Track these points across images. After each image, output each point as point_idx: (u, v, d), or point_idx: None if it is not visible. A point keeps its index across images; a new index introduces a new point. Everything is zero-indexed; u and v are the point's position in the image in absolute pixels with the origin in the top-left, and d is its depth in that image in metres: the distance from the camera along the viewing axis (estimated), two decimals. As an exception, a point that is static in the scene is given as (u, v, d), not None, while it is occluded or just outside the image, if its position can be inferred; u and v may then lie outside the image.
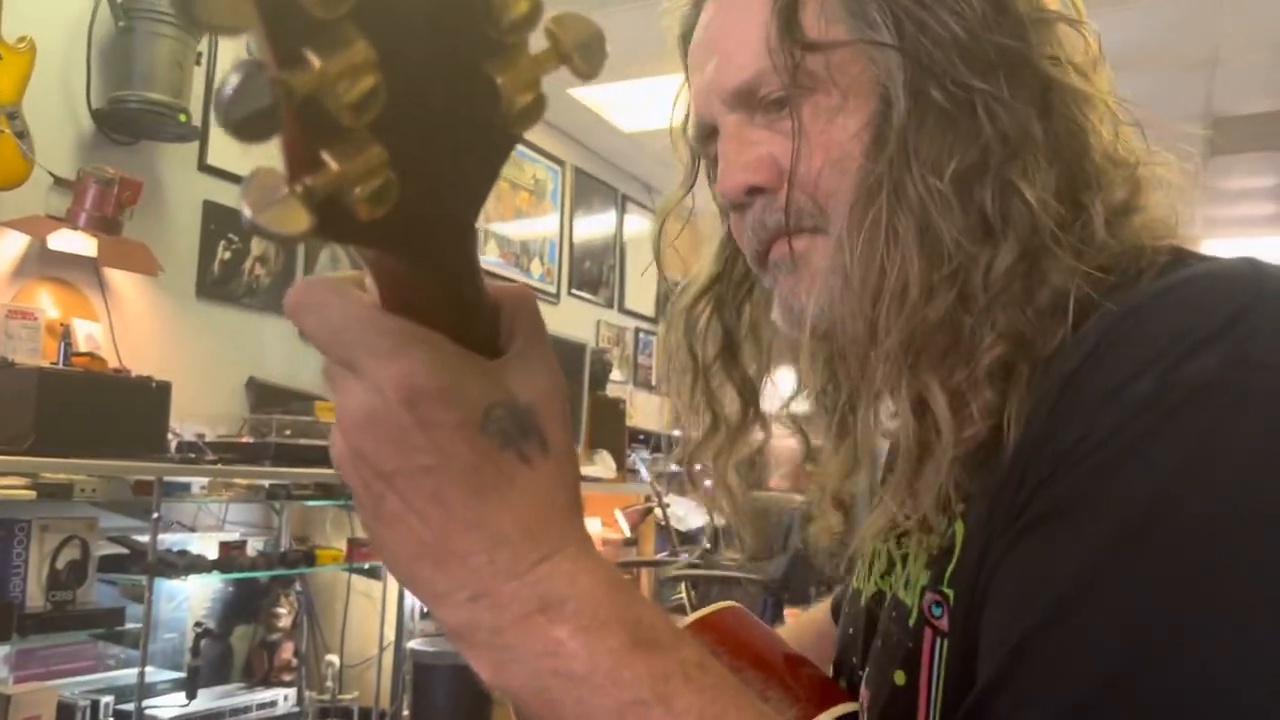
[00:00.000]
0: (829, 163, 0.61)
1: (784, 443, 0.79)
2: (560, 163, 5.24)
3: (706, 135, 0.69)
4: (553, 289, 5.19)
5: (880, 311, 0.58)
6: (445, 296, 0.42)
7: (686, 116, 0.74)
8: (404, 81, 0.33)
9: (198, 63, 3.09)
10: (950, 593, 0.57)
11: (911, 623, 0.61)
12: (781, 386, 0.77)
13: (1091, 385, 0.50)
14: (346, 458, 0.44)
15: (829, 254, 0.62)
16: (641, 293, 5.97)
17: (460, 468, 0.42)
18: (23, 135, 2.60)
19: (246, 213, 0.31)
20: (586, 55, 0.37)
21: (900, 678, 0.62)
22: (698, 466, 0.77)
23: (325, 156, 0.32)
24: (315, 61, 0.30)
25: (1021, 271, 0.56)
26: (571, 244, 5.36)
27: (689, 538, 4.35)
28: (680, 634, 0.45)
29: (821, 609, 1.04)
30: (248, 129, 0.29)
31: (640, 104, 4.52)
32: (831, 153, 0.61)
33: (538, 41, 0.37)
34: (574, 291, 5.37)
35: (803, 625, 1.07)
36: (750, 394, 0.76)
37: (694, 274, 0.78)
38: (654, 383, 6.02)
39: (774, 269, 0.66)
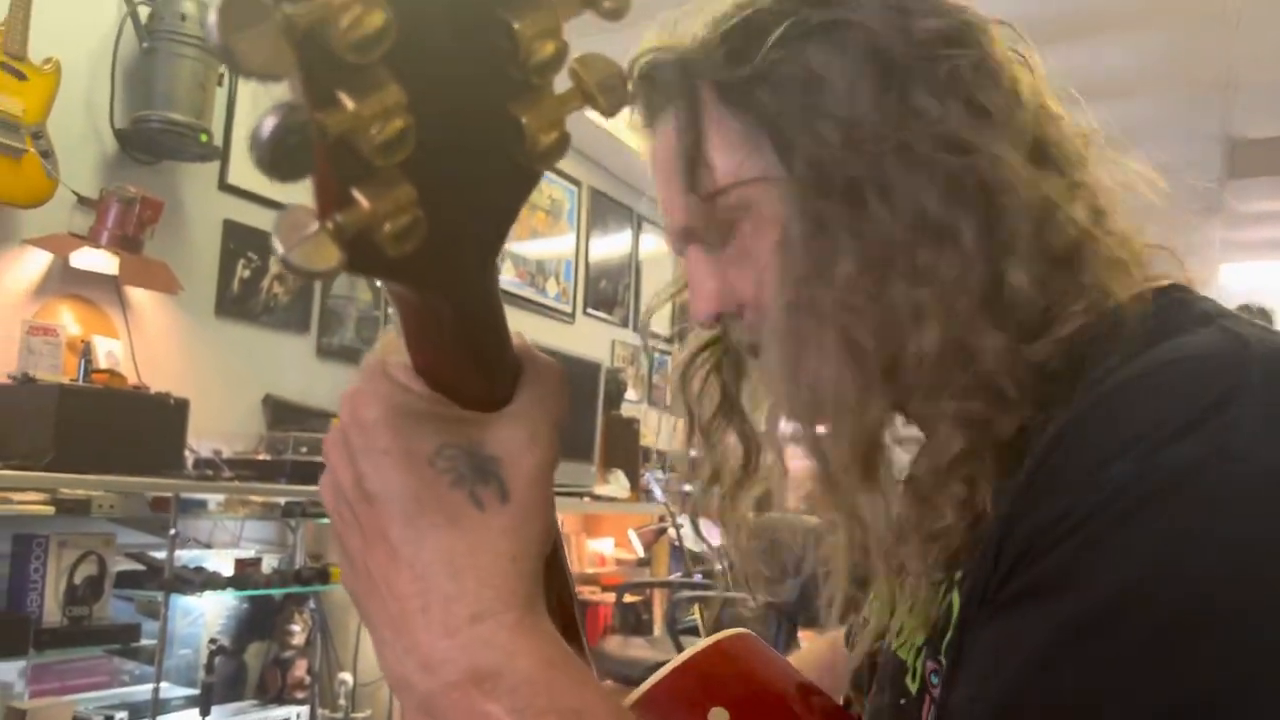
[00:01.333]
0: (761, 285, 0.63)
1: (802, 463, 0.79)
2: (577, 183, 5.26)
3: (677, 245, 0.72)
4: (568, 308, 5.21)
5: (824, 426, 0.59)
6: (461, 330, 0.43)
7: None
8: (433, 122, 0.33)
9: (219, 83, 3.13)
10: (945, 662, 0.57)
11: (913, 686, 0.62)
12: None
13: (1069, 466, 0.49)
14: (329, 487, 0.46)
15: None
16: (657, 313, 5.98)
17: (398, 493, 0.43)
18: (47, 154, 2.63)
19: (279, 249, 0.32)
20: (609, 94, 0.38)
21: None
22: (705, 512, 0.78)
23: (356, 194, 0.33)
24: (349, 103, 0.31)
25: (953, 356, 0.56)
26: (587, 263, 5.38)
27: (702, 558, 4.34)
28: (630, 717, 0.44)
29: (833, 637, 1.04)
30: (282, 167, 0.30)
31: (656, 125, 4.54)
32: (759, 276, 0.63)
33: (561, 80, 0.38)
34: (589, 311, 5.39)
35: (816, 652, 1.07)
36: (750, 441, 0.76)
37: (692, 333, 0.79)
38: (669, 402, 6.01)
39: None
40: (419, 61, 0.33)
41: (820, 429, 0.59)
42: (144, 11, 3.01)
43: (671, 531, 4.06)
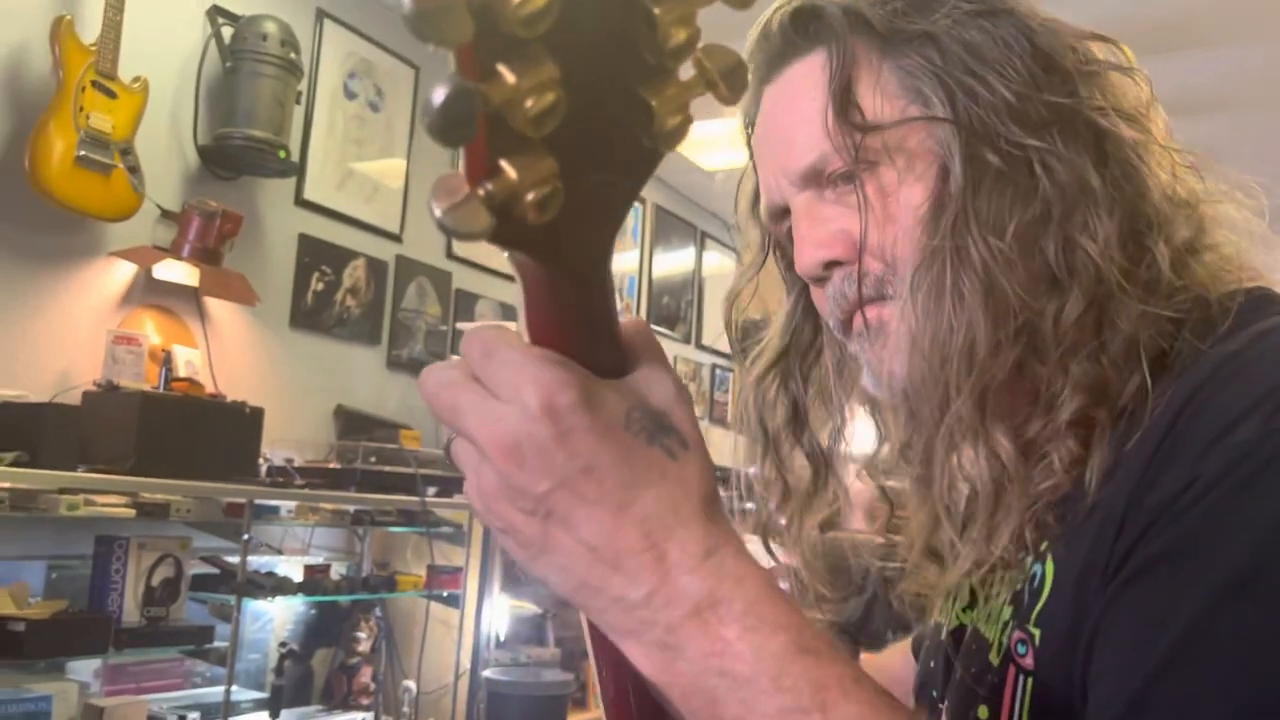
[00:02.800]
0: (899, 232, 0.64)
1: (864, 483, 0.80)
2: (641, 200, 5.31)
3: (779, 215, 0.73)
4: (630, 325, 5.24)
5: (949, 371, 0.60)
6: (585, 306, 0.45)
7: (754, 201, 0.77)
8: (578, 99, 0.36)
9: (297, 101, 3.22)
10: (1037, 632, 0.58)
11: (995, 659, 0.62)
12: (861, 437, 0.79)
13: (1192, 432, 0.51)
14: (501, 494, 0.45)
15: (899, 319, 0.65)
16: (718, 330, 5.99)
17: (611, 463, 0.44)
18: (134, 170, 2.73)
19: (436, 212, 0.35)
20: (730, 82, 0.40)
21: (983, 712, 0.63)
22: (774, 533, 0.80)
23: (504, 164, 0.36)
24: (509, 76, 0.34)
25: (1091, 321, 0.58)
26: (650, 280, 5.42)
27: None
28: (837, 648, 0.47)
29: (896, 650, 1.04)
30: (450, 134, 0.33)
31: (721, 142, 4.57)
32: (900, 222, 0.64)
33: (685, 69, 0.40)
34: (652, 327, 5.40)
35: (885, 662, 1.07)
36: (819, 459, 0.78)
37: (762, 347, 0.82)
38: (729, 420, 6.01)
39: (859, 337, 0.69)
40: (570, 40, 0.35)
41: (940, 377, 0.61)
42: (227, 32, 3.12)
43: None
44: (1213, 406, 0.51)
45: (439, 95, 0.32)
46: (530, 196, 0.36)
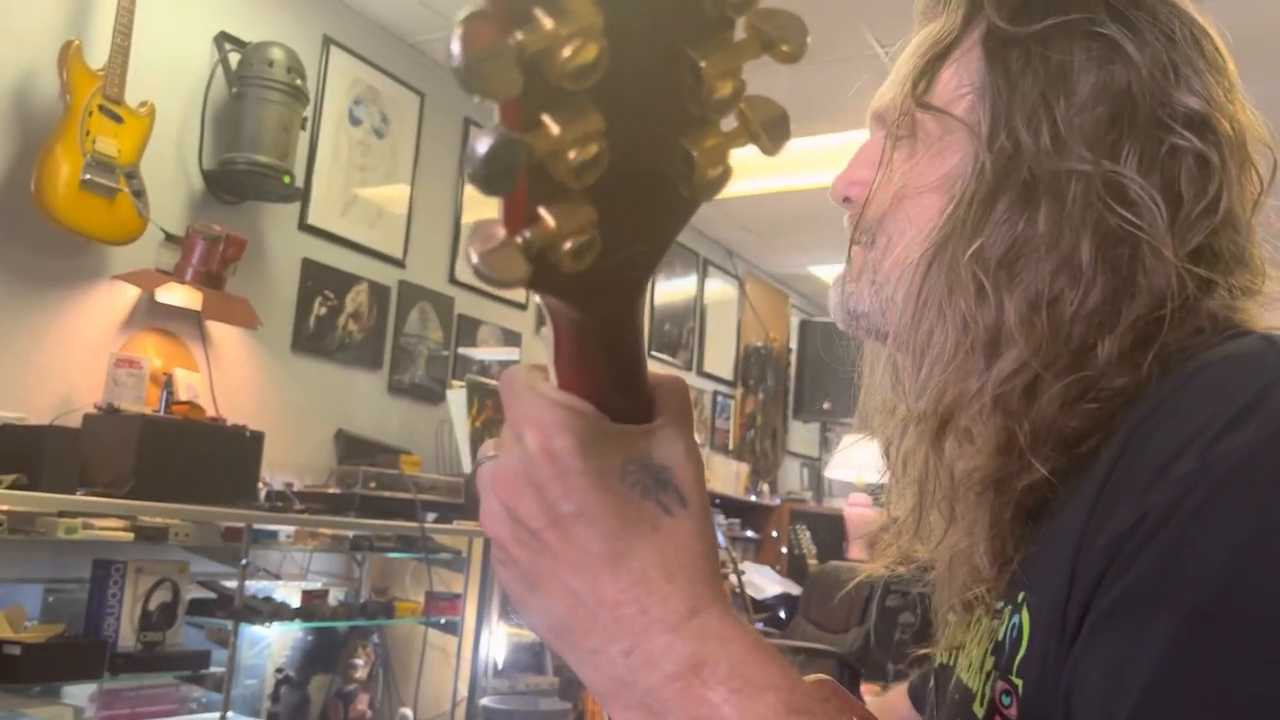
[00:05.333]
0: (898, 198, 0.67)
1: (860, 512, 0.80)
2: (641, 228, 5.31)
3: None
4: (630, 352, 5.24)
5: (920, 373, 0.63)
6: (613, 350, 0.45)
7: None
8: (619, 150, 0.36)
9: (303, 127, 3.24)
10: (1020, 682, 0.57)
11: (980, 710, 0.62)
12: (866, 466, 0.79)
13: (1134, 470, 0.51)
14: (503, 520, 0.46)
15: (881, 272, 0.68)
16: (720, 356, 6.00)
17: (601, 510, 0.44)
18: (139, 194, 2.73)
19: (473, 258, 0.35)
20: (773, 134, 0.40)
21: None
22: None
23: (543, 212, 0.36)
24: (553, 127, 0.33)
25: (1021, 382, 0.59)
26: (652, 306, 5.42)
27: (765, 606, 4.31)
28: (830, 706, 0.46)
29: (898, 693, 1.03)
30: (493, 183, 0.33)
31: (723, 172, 4.59)
32: (904, 192, 0.67)
33: (727, 120, 0.40)
34: (653, 354, 5.42)
35: (892, 702, 1.06)
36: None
37: None
38: (731, 447, 6.01)
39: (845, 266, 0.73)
40: (616, 92, 0.35)
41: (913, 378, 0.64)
42: (234, 58, 3.14)
43: (733, 578, 4.04)
44: (1152, 443, 0.51)
45: (483, 146, 0.32)
46: (568, 245, 0.36)
